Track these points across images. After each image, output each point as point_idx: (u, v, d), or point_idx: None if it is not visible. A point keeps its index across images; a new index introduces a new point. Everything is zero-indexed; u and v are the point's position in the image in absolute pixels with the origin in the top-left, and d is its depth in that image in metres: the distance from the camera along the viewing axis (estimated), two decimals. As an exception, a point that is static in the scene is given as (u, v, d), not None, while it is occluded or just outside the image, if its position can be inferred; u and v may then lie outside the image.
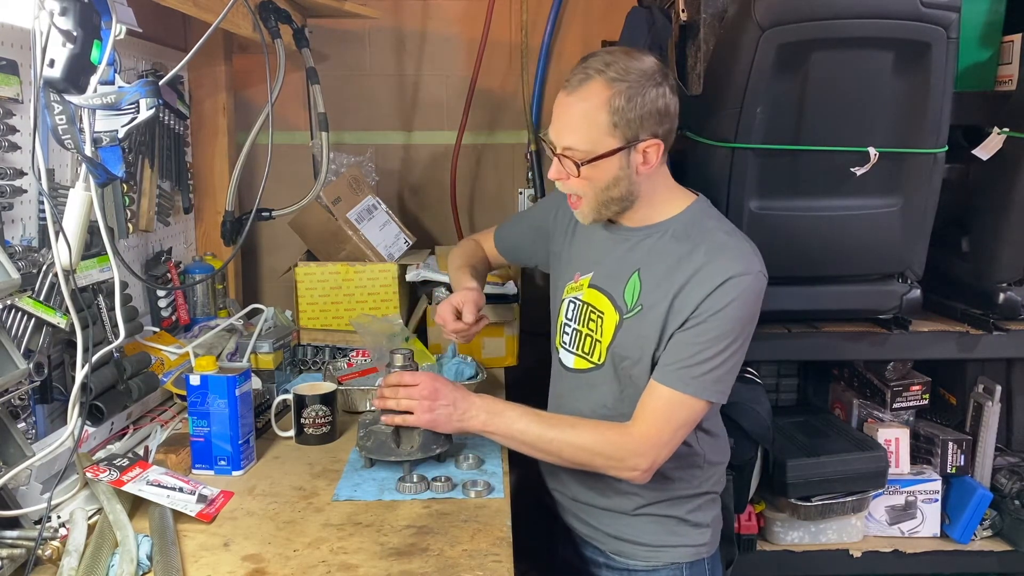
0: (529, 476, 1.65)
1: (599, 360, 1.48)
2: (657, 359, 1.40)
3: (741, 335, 1.38)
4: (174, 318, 2.08)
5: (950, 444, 2.18)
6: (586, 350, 1.51)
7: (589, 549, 1.57)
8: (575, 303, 1.54)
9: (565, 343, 1.56)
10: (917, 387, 2.22)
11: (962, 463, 2.18)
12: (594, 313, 1.49)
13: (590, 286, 1.51)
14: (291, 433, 1.66)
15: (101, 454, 1.47)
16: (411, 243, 2.41)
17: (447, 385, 1.45)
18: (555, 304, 1.62)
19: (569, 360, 1.55)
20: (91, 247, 1.51)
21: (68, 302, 1.26)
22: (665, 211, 1.46)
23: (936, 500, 2.19)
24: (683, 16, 2.12)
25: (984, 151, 1.90)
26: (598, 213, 1.45)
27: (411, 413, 1.44)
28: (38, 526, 1.18)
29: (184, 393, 1.55)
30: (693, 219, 1.45)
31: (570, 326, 1.55)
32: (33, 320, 1.34)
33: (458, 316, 1.63)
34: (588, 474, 1.49)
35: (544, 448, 1.41)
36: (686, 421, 1.38)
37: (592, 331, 1.49)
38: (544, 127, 2.46)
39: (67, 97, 1.12)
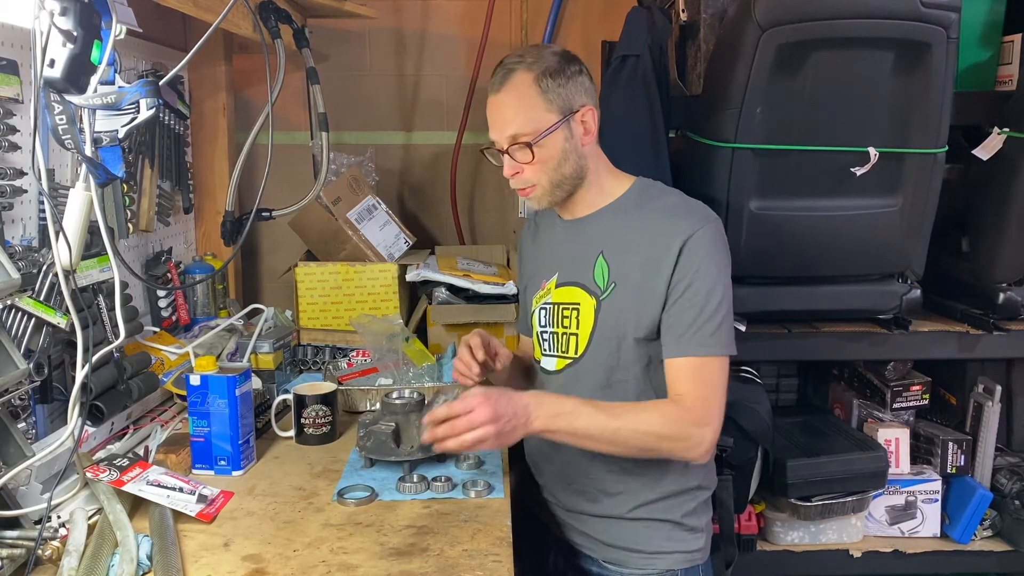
0: (522, 484, 1.63)
1: (577, 353, 1.49)
2: (645, 335, 1.41)
3: (726, 284, 1.40)
4: (174, 318, 2.08)
5: (950, 444, 2.18)
6: (563, 349, 1.52)
7: (582, 559, 1.54)
8: (546, 308, 1.56)
9: (545, 351, 1.56)
10: (917, 387, 2.22)
11: (962, 463, 2.18)
12: (567, 309, 1.51)
13: (558, 286, 1.53)
14: (291, 433, 1.66)
15: (101, 454, 1.47)
16: (411, 243, 2.41)
17: (500, 397, 1.28)
18: (528, 321, 1.63)
19: (551, 364, 1.55)
20: (91, 247, 1.51)
21: (68, 302, 1.26)
22: (612, 192, 1.50)
23: (936, 500, 2.19)
24: (683, 16, 2.12)
25: (984, 151, 1.90)
26: (552, 195, 1.47)
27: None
28: (38, 526, 1.18)
29: (184, 393, 1.55)
30: (639, 194, 1.50)
31: (546, 331, 1.56)
32: (33, 320, 1.34)
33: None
34: (579, 480, 1.49)
35: (610, 440, 1.33)
36: (719, 380, 1.38)
37: (567, 328, 1.51)
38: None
39: (67, 97, 1.12)
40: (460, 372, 1.55)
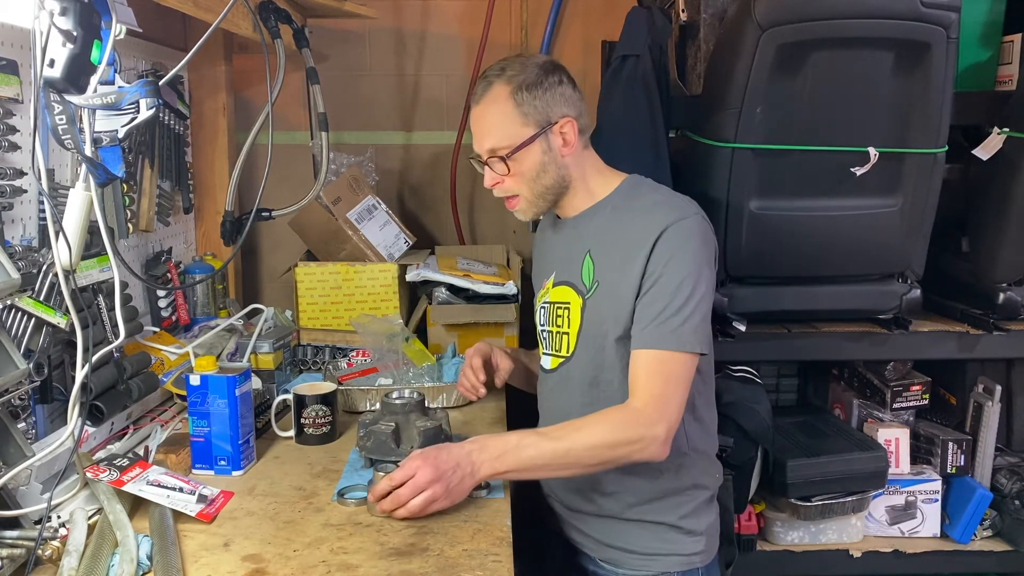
0: (523, 481, 1.64)
1: (568, 352, 1.50)
2: (624, 333, 1.40)
3: (701, 278, 1.37)
4: (174, 318, 2.08)
5: (950, 444, 2.18)
6: (557, 347, 1.53)
7: (580, 557, 1.55)
8: (544, 308, 1.57)
9: (544, 349, 1.58)
10: (917, 387, 2.22)
11: (962, 463, 2.18)
12: (560, 308, 1.52)
13: (554, 286, 1.55)
14: (291, 433, 1.66)
15: (101, 454, 1.47)
16: (411, 243, 2.41)
17: (438, 454, 1.29)
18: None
19: (547, 362, 1.57)
20: (91, 247, 1.51)
21: (68, 302, 1.26)
22: (600, 192, 1.51)
23: (936, 500, 2.19)
24: (683, 16, 2.12)
25: (984, 151, 1.91)
26: (536, 206, 1.49)
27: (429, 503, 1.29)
28: (38, 526, 1.18)
29: (184, 393, 1.55)
30: (628, 191, 1.50)
31: (544, 330, 1.57)
32: (33, 320, 1.34)
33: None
34: (577, 479, 1.48)
35: (563, 464, 1.34)
36: (682, 377, 1.35)
37: (560, 327, 1.52)
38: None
39: (67, 97, 1.12)
40: (467, 389, 1.67)
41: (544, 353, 1.58)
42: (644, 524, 1.47)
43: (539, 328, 1.60)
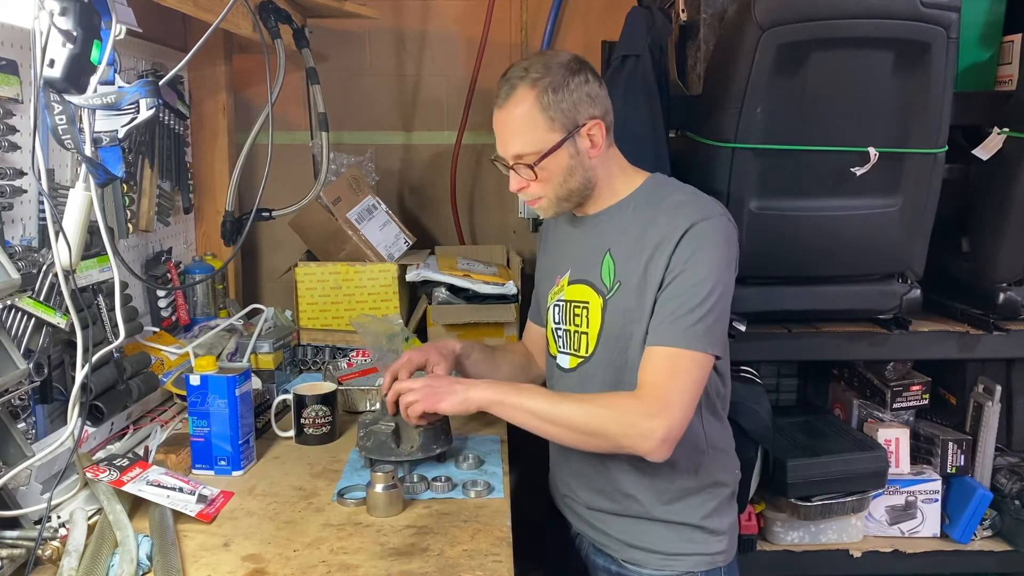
0: (538, 481, 1.63)
1: (587, 352, 1.48)
2: (646, 332, 1.38)
3: (720, 280, 1.35)
4: (174, 318, 2.08)
5: (950, 444, 2.18)
6: (575, 347, 1.51)
7: (601, 557, 1.53)
8: (559, 305, 1.54)
9: (560, 347, 1.55)
10: (917, 387, 2.22)
11: (962, 463, 2.18)
12: (578, 307, 1.50)
13: (570, 283, 1.52)
14: (291, 433, 1.66)
15: (101, 454, 1.48)
16: (411, 243, 2.41)
17: (443, 376, 1.52)
18: (541, 311, 1.63)
19: (565, 361, 1.54)
20: (91, 247, 1.51)
21: (68, 302, 1.26)
22: (624, 190, 1.48)
23: (936, 500, 2.19)
24: (683, 16, 2.12)
25: (984, 151, 1.90)
26: (559, 207, 1.47)
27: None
28: (38, 526, 1.18)
29: (184, 393, 1.55)
30: (651, 189, 1.48)
31: (560, 328, 1.55)
32: (33, 320, 1.34)
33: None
34: (596, 478, 1.48)
35: (553, 416, 1.35)
36: (692, 379, 1.33)
37: (578, 326, 1.50)
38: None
39: (67, 97, 1.12)
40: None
41: (560, 352, 1.55)
42: (668, 524, 1.45)
43: (553, 326, 1.57)
